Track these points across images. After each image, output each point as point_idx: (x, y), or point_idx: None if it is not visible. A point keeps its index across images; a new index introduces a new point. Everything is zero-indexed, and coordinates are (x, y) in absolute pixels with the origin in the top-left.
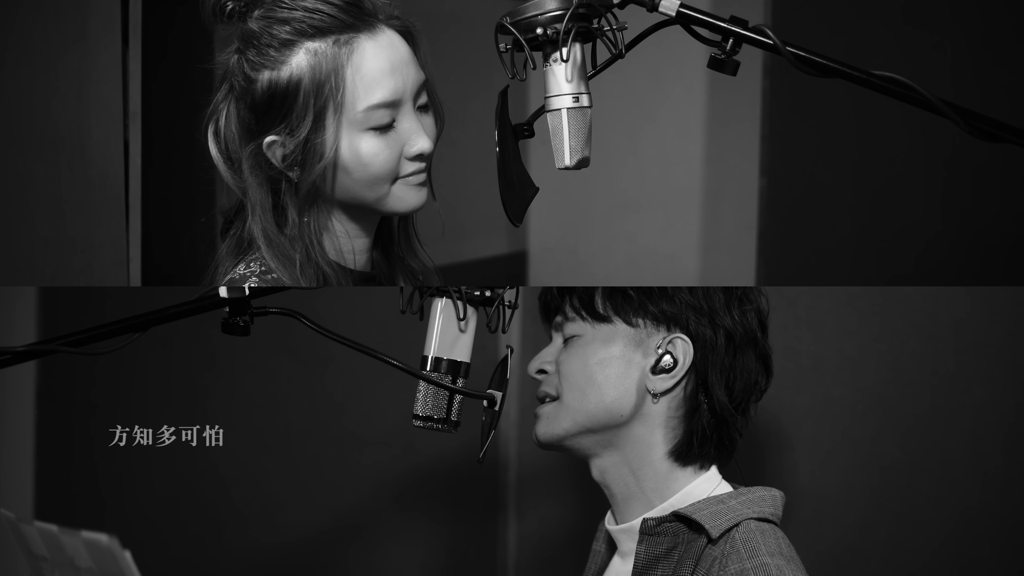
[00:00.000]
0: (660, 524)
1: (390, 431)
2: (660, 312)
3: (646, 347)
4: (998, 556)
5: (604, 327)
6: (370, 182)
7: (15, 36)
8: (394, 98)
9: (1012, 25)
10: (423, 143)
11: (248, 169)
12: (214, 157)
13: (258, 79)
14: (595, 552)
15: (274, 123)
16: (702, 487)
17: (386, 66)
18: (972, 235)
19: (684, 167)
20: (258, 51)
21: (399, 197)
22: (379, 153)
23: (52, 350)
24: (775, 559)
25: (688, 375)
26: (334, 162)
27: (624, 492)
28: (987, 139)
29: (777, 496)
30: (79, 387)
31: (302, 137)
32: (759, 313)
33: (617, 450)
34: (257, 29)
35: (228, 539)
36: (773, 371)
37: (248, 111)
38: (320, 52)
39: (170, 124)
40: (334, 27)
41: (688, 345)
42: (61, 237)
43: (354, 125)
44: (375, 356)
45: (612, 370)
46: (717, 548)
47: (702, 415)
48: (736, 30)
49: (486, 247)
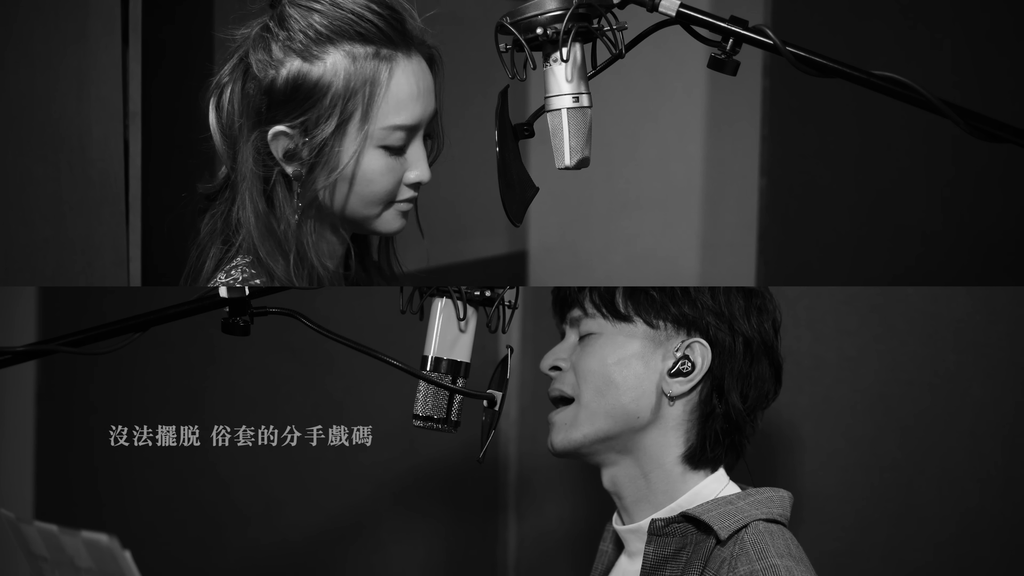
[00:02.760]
0: (669, 525)
1: (390, 431)
2: (681, 315)
3: (665, 349)
4: (998, 556)
5: (624, 326)
6: (369, 200)
7: (15, 36)
8: (414, 123)
9: (1012, 24)
10: (423, 172)
11: (245, 153)
12: (212, 129)
13: (284, 64)
14: (602, 552)
15: (288, 115)
16: (710, 487)
17: (415, 90)
18: (973, 235)
19: (684, 167)
20: (290, 36)
21: (386, 220)
22: (384, 173)
23: (52, 350)
24: (784, 560)
25: (704, 380)
26: (349, 174)
27: (634, 496)
28: (987, 139)
29: (785, 497)
30: (79, 387)
31: (319, 139)
32: (774, 323)
33: (631, 455)
34: (296, 15)
35: (228, 539)
36: (782, 382)
37: (261, 93)
38: (360, 59)
39: (170, 124)
40: (377, 38)
41: (707, 349)
42: (61, 237)
43: (371, 140)
44: (375, 356)
45: (631, 371)
46: (726, 549)
47: (716, 419)
48: (736, 30)
49: (486, 247)
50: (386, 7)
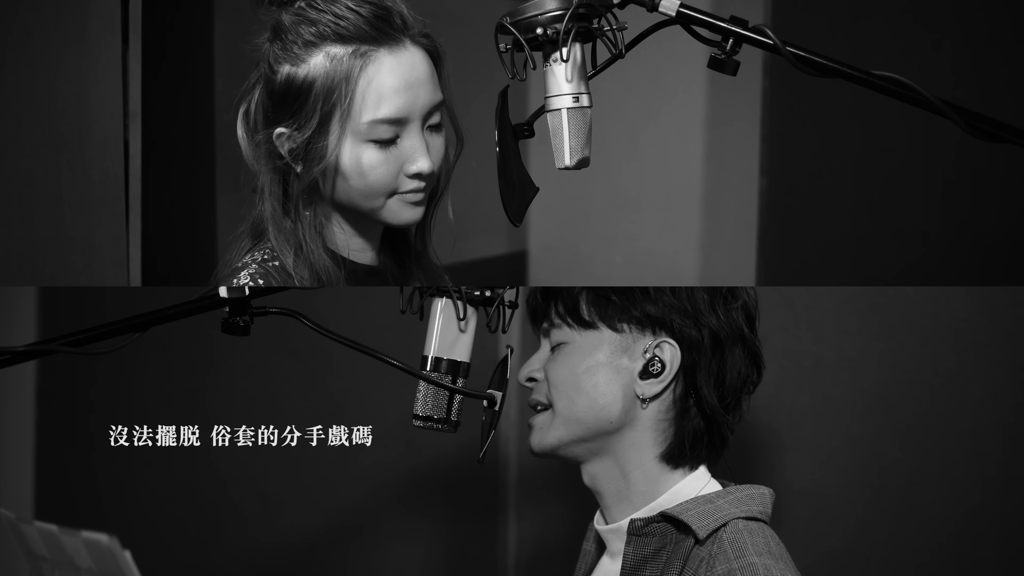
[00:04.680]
0: (648, 525)
1: (390, 431)
2: (644, 315)
3: (632, 352)
4: (998, 556)
5: (590, 334)
6: (366, 192)
7: (15, 36)
8: (399, 115)
9: (1012, 24)
10: (422, 163)
11: (261, 154)
12: (239, 137)
13: (279, 71)
14: (585, 552)
15: (285, 116)
16: (690, 486)
17: (399, 83)
18: (972, 235)
19: (684, 167)
20: (284, 45)
21: (393, 211)
22: (376, 167)
23: (52, 350)
24: (763, 558)
25: (676, 378)
26: (335, 167)
27: (614, 495)
28: (987, 139)
29: (767, 494)
30: (79, 387)
31: (306, 136)
32: (746, 310)
33: (608, 455)
34: (288, 24)
35: (228, 539)
36: (764, 365)
37: (268, 99)
38: (336, 59)
39: (170, 124)
40: (357, 37)
41: (675, 348)
42: (61, 237)
43: (357, 135)
44: (375, 356)
45: (600, 377)
46: (705, 548)
47: (692, 417)
48: (736, 30)
49: (486, 247)
50: (370, 4)
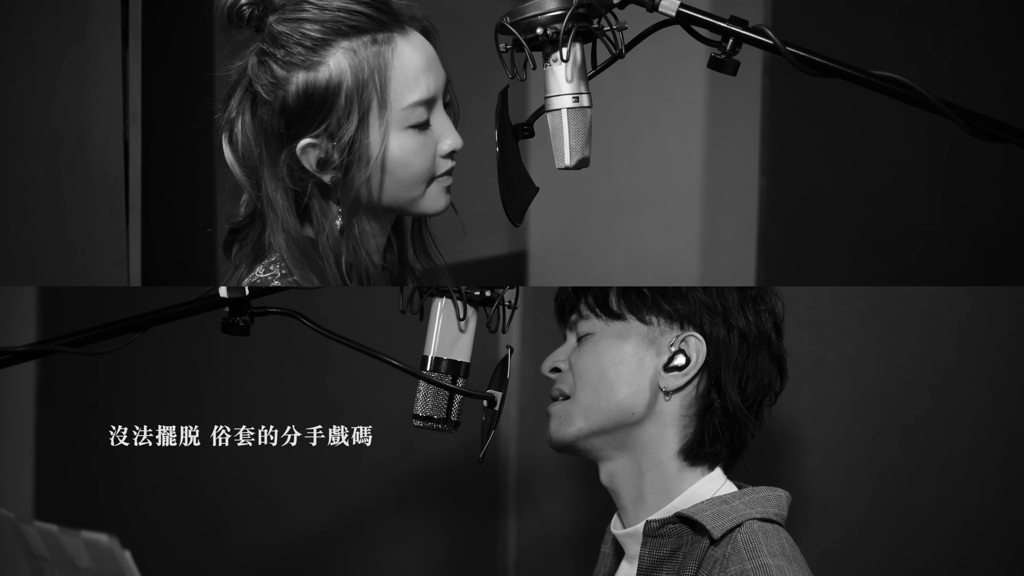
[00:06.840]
0: (664, 526)
1: (390, 431)
2: (674, 311)
3: (659, 345)
4: (998, 556)
5: (617, 324)
6: (411, 182)
7: (15, 36)
8: (431, 95)
9: (1011, 25)
10: (455, 139)
11: (274, 176)
12: (230, 164)
13: (291, 81)
14: (603, 555)
15: (311, 126)
16: (706, 487)
17: (423, 64)
18: (972, 235)
19: (684, 167)
20: (287, 51)
21: (432, 199)
22: (420, 151)
23: (52, 350)
24: (776, 560)
25: (701, 374)
26: (381, 163)
27: (632, 495)
28: (987, 139)
29: (782, 496)
30: (79, 387)
31: (347, 139)
32: (773, 315)
33: (628, 451)
34: (286, 30)
35: (228, 539)
36: (788, 375)
37: (276, 116)
38: (360, 51)
39: (170, 124)
40: (370, 26)
41: (701, 343)
42: (61, 237)
43: (395, 124)
44: (375, 356)
45: (625, 367)
46: (719, 549)
47: (714, 414)
48: (736, 30)
49: (486, 247)
50: None
